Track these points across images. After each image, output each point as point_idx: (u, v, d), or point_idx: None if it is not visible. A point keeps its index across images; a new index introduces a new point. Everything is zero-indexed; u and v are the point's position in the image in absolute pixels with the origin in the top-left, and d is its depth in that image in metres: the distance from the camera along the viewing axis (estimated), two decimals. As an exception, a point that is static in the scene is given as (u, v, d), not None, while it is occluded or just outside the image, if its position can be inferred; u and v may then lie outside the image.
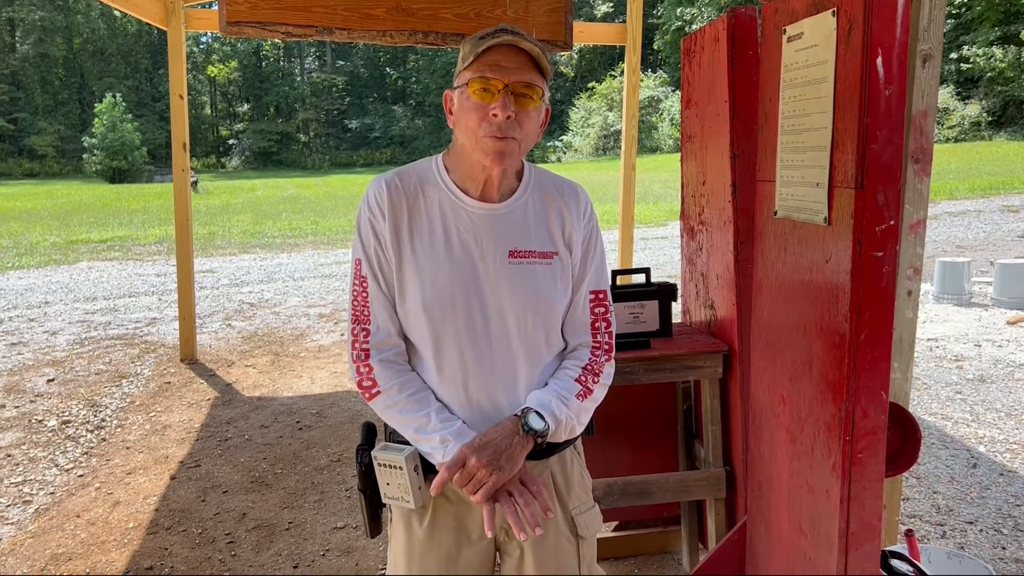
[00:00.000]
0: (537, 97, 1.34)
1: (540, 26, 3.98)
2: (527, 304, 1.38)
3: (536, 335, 1.40)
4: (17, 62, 50.52)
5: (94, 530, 3.22)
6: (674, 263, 9.73)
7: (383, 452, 1.38)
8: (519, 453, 1.32)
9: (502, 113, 1.29)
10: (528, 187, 1.45)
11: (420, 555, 1.45)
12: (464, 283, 1.36)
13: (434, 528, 1.44)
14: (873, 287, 1.39)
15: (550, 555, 1.45)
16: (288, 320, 7.30)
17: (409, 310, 1.39)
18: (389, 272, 1.39)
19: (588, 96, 43.46)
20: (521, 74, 1.31)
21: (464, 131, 1.35)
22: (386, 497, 1.41)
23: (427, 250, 1.37)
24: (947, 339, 5.93)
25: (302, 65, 60.91)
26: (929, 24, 1.81)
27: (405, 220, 1.39)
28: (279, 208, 20.81)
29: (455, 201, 1.40)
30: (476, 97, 1.31)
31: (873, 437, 1.45)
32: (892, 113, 1.35)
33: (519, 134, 1.33)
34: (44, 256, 12.01)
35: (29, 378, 5.45)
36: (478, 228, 1.39)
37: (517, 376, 1.39)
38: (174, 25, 5.31)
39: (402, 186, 1.40)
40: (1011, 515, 3.18)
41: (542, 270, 1.40)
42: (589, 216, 1.49)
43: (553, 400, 1.38)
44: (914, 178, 1.81)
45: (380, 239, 1.39)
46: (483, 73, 1.30)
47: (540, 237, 1.42)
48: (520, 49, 1.31)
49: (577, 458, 1.54)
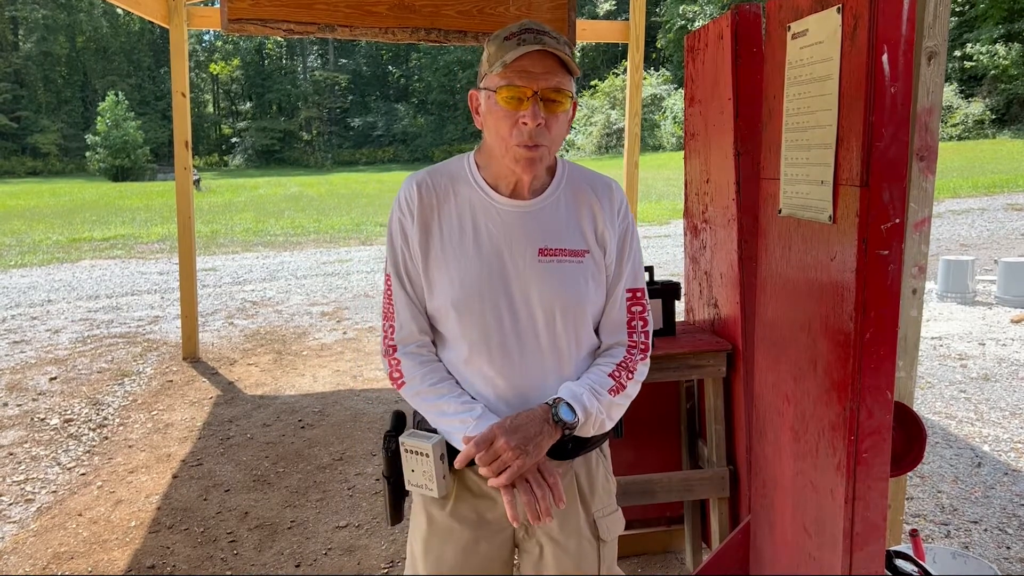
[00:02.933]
0: (567, 100, 1.33)
1: (543, 23, 3.97)
2: (556, 303, 1.38)
3: (566, 334, 1.40)
4: (20, 60, 50.59)
5: (96, 528, 3.22)
6: (677, 261, 9.72)
7: (410, 438, 1.39)
8: (546, 442, 1.31)
9: (532, 122, 1.29)
10: (560, 184, 1.44)
11: (438, 544, 1.46)
12: (493, 281, 1.37)
13: (454, 519, 1.44)
14: (878, 285, 1.38)
15: (570, 556, 1.45)
16: (290, 318, 7.30)
17: (439, 307, 1.40)
18: (415, 272, 1.41)
19: (591, 94, 43.38)
20: (550, 79, 1.30)
21: (493, 136, 1.35)
22: (410, 484, 1.42)
23: (456, 248, 1.38)
24: (951, 338, 5.92)
25: (304, 63, 60.90)
26: (934, 21, 1.80)
27: (436, 218, 1.40)
28: (281, 206, 20.82)
29: (485, 199, 1.40)
30: (505, 104, 1.30)
31: (878, 436, 1.44)
32: (897, 110, 1.34)
33: (548, 140, 1.33)
34: (47, 254, 12.03)
35: (31, 376, 5.46)
36: (508, 226, 1.39)
37: (546, 374, 1.39)
38: (176, 23, 5.31)
39: (433, 185, 1.41)
40: (1016, 514, 3.17)
41: (572, 268, 1.39)
42: (624, 213, 1.47)
43: (585, 393, 1.37)
44: (919, 176, 1.80)
45: (407, 239, 1.40)
46: (512, 80, 1.29)
47: (571, 235, 1.41)
48: (548, 52, 1.30)
49: (603, 461, 1.54)
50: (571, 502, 1.46)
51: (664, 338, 2.51)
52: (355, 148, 54.85)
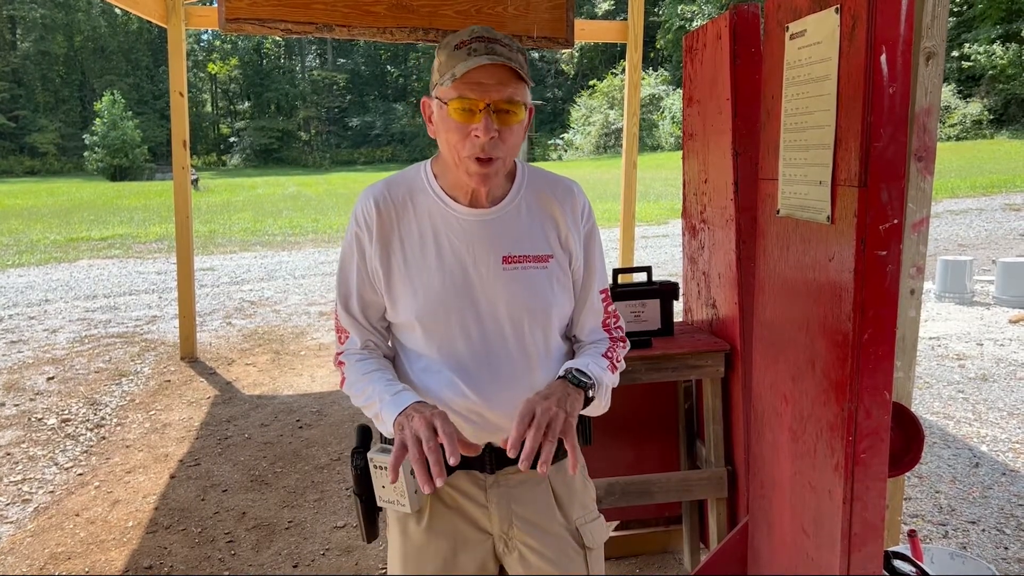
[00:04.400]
0: (521, 110, 1.29)
1: (541, 23, 3.97)
2: (524, 310, 1.36)
3: (534, 340, 1.38)
4: (18, 59, 50.51)
5: (93, 529, 3.22)
6: (675, 261, 9.72)
7: (379, 454, 1.36)
8: (577, 404, 1.28)
9: (484, 135, 1.25)
10: (521, 189, 1.41)
11: (416, 560, 1.43)
12: (457, 292, 1.34)
13: (430, 533, 1.42)
14: (876, 286, 1.38)
15: (556, 566, 1.42)
16: (288, 318, 7.29)
17: (404, 321, 1.38)
18: (369, 290, 1.40)
19: (589, 94, 43.40)
20: (502, 91, 1.25)
21: (446, 146, 1.31)
22: (381, 500, 1.38)
23: (418, 260, 1.36)
24: (949, 338, 5.92)
25: (303, 63, 60.84)
26: (933, 21, 1.80)
27: (396, 232, 1.37)
28: (280, 206, 20.80)
29: (445, 209, 1.37)
30: (457, 117, 1.26)
31: (876, 437, 1.44)
32: (896, 111, 1.34)
33: (503, 151, 1.29)
34: (44, 254, 12.01)
35: (29, 376, 5.45)
36: (470, 235, 1.36)
37: (516, 382, 1.37)
38: (174, 22, 5.30)
39: (391, 198, 1.38)
40: (1014, 515, 3.17)
41: (538, 274, 1.38)
42: (587, 216, 1.46)
43: (590, 363, 1.37)
44: (917, 176, 1.80)
45: (365, 256, 1.38)
46: (463, 93, 1.25)
47: (534, 240, 1.39)
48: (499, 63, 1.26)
49: (579, 466, 1.52)
50: (549, 511, 1.43)
51: (662, 338, 2.51)
52: (353, 148, 54.82)
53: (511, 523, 1.42)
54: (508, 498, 1.41)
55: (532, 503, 1.42)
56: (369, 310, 1.42)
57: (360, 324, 1.42)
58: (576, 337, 1.49)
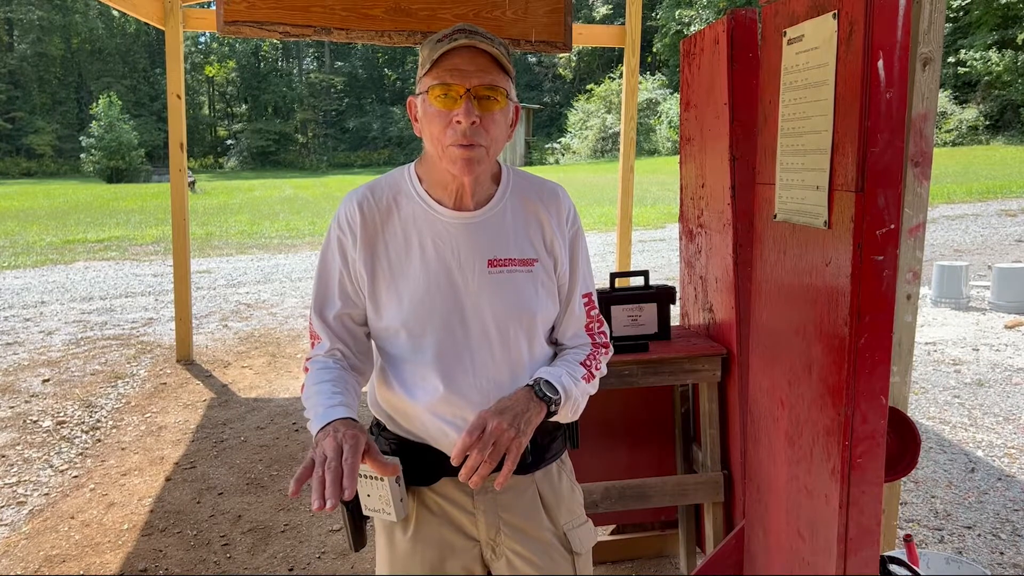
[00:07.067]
0: (502, 98, 1.29)
1: (539, 27, 3.98)
2: (509, 314, 1.36)
3: (519, 344, 1.38)
4: (15, 61, 50.43)
5: (88, 531, 3.21)
6: (672, 266, 9.73)
7: None
8: (535, 418, 1.29)
9: (465, 120, 1.24)
10: (506, 193, 1.41)
11: (403, 568, 1.42)
12: (443, 296, 1.34)
13: (417, 541, 1.41)
14: (873, 291, 1.39)
15: (542, 571, 1.41)
16: (285, 321, 7.28)
17: (388, 327, 1.37)
18: (353, 293, 1.39)
19: (586, 98, 43.43)
20: (483, 76, 1.26)
21: (429, 139, 1.31)
22: (367, 509, 1.37)
23: (403, 265, 1.35)
24: (945, 343, 5.93)
25: (300, 65, 60.87)
26: (929, 27, 1.81)
27: (380, 237, 1.36)
28: (276, 208, 20.77)
29: (429, 212, 1.36)
30: (438, 104, 1.26)
31: (872, 442, 1.44)
32: (893, 116, 1.34)
33: (486, 140, 1.28)
34: (40, 255, 11.98)
35: (24, 378, 5.43)
36: (454, 238, 1.35)
37: (501, 387, 1.36)
38: (172, 25, 5.30)
39: (375, 202, 1.37)
40: (1009, 520, 3.18)
41: (523, 277, 1.37)
42: (572, 220, 1.45)
43: (564, 374, 1.37)
44: (914, 181, 1.81)
45: (347, 261, 1.37)
46: (443, 79, 1.25)
47: (520, 244, 1.38)
48: (480, 50, 1.26)
49: (565, 471, 1.51)
50: (536, 516, 1.43)
51: (659, 342, 2.51)
52: (350, 151, 54.78)
53: (498, 529, 1.41)
54: (495, 504, 1.41)
55: (519, 509, 1.42)
56: (345, 317, 1.40)
57: (332, 331, 1.41)
58: (558, 341, 1.49)
